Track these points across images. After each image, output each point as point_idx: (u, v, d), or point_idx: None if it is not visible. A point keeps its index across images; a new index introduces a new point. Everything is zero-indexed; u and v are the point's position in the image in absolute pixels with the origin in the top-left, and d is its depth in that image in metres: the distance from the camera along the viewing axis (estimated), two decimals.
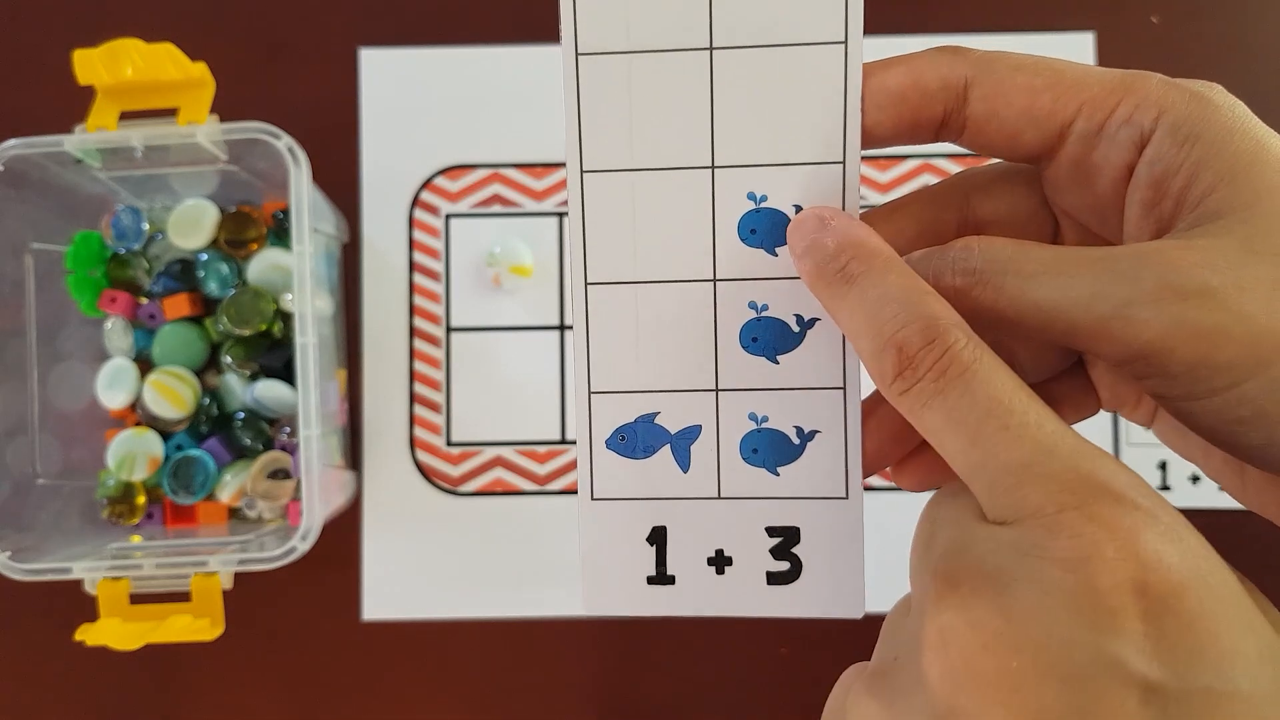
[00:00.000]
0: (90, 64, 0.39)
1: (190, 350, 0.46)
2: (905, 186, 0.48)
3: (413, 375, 0.48)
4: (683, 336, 0.23)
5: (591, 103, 0.23)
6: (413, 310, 0.48)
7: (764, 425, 0.23)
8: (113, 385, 0.45)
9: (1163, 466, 0.47)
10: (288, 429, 0.45)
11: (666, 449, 0.24)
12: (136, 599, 0.40)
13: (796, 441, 0.23)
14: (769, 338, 0.23)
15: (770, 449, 0.23)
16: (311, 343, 0.38)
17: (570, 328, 0.48)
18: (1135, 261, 0.19)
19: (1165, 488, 0.47)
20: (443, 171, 0.49)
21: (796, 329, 0.23)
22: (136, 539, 0.45)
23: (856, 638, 0.48)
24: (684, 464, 0.24)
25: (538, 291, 0.48)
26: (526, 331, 0.48)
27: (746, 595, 0.24)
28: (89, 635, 0.38)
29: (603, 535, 0.24)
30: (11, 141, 0.40)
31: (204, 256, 0.46)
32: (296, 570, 0.39)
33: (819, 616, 0.24)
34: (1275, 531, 0.48)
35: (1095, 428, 0.47)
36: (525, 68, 0.49)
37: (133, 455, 0.44)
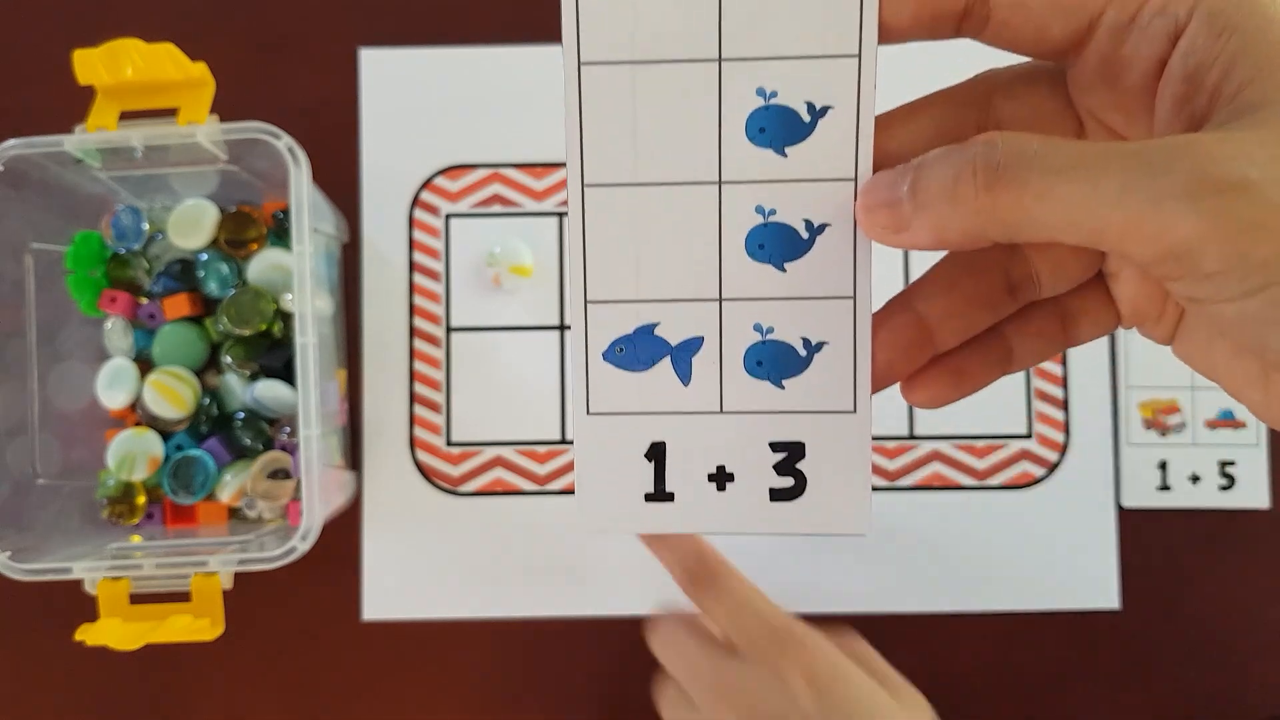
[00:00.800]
0: (90, 64, 0.39)
1: (190, 350, 0.46)
2: None
3: (413, 375, 0.48)
4: (685, 243, 0.22)
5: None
6: (413, 310, 0.48)
7: (769, 337, 0.22)
8: (113, 385, 0.45)
9: (1163, 466, 0.47)
10: (288, 429, 0.45)
11: (666, 361, 0.23)
12: (136, 599, 0.40)
13: (803, 353, 0.22)
14: (776, 244, 0.22)
15: (775, 361, 0.22)
16: (311, 343, 0.38)
17: (570, 328, 0.48)
18: (1169, 154, 0.18)
19: (1165, 487, 0.47)
20: (443, 171, 0.49)
21: (805, 235, 0.22)
22: (136, 539, 0.45)
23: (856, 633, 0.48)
24: (685, 377, 0.23)
25: (538, 291, 0.48)
26: (527, 331, 0.48)
27: (748, 512, 0.23)
28: (89, 635, 0.38)
29: (599, 451, 0.23)
30: (11, 141, 0.40)
31: (204, 256, 0.46)
32: (296, 570, 0.39)
33: (822, 533, 0.23)
34: (1273, 528, 0.48)
35: (1094, 428, 0.48)
36: (525, 68, 0.49)
37: (133, 455, 0.44)
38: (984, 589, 0.47)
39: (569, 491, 0.48)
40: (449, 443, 0.48)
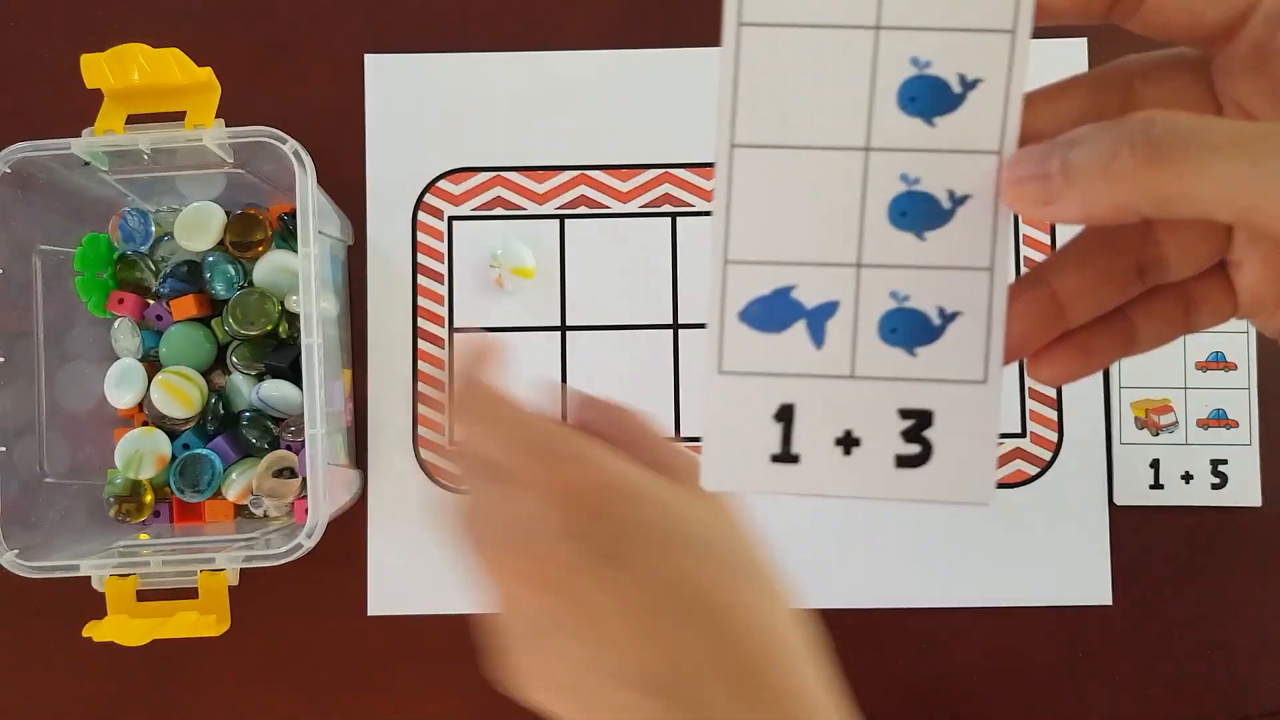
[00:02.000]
0: (97, 68, 0.39)
1: (197, 351, 0.46)
2: None
3: (416, 375, 0.49)
4: (828, 207, 0.22)
5: None
6: (416, 311, 0.49)
7: (905, 304, 0.23)
8: (120, 385, 0.45)
9: (1155, 465, 0.48)
10: (293, 428, 0.46)
11: (801, 324, 0.23)
12: (143, 595, 0.40)
13: (937, 322, 0.23)
14: (918, 212, 0.22)
15: (910, 328, 0.23)
16: (317, 343, 0.39)
17: (570, 328, 0.49)
18: None
19: (1158, 486, 0.48)
20: (446, 175, 0.50)
21: (948, 205, 0.22)
22: (144, 536, 0.45)
23: (855, 633, 0.48)
24: (818, 340, 0.23)
25: (539, 293, 0.49)
26: (528, 332, 0.49)
27: (873, 478, 0.23)
28: (96, 631, 0.38)
29: (728, 410, 0.23)
30: (20, 144, 0.40)
31: (211, 258, 0.46)
32: (302, 567, 0.40)
33: (946, 501, 0.23)
34: (1271, 525, 0.49)
35: (1086, 426, 0.48)
36: (527, 74, 0.50)
37: (140, 454, 0.45)
38: (978, 585, 0.48)
39: None
40: (452, 442, 0.48)
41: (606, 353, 0.49)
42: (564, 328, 0.49)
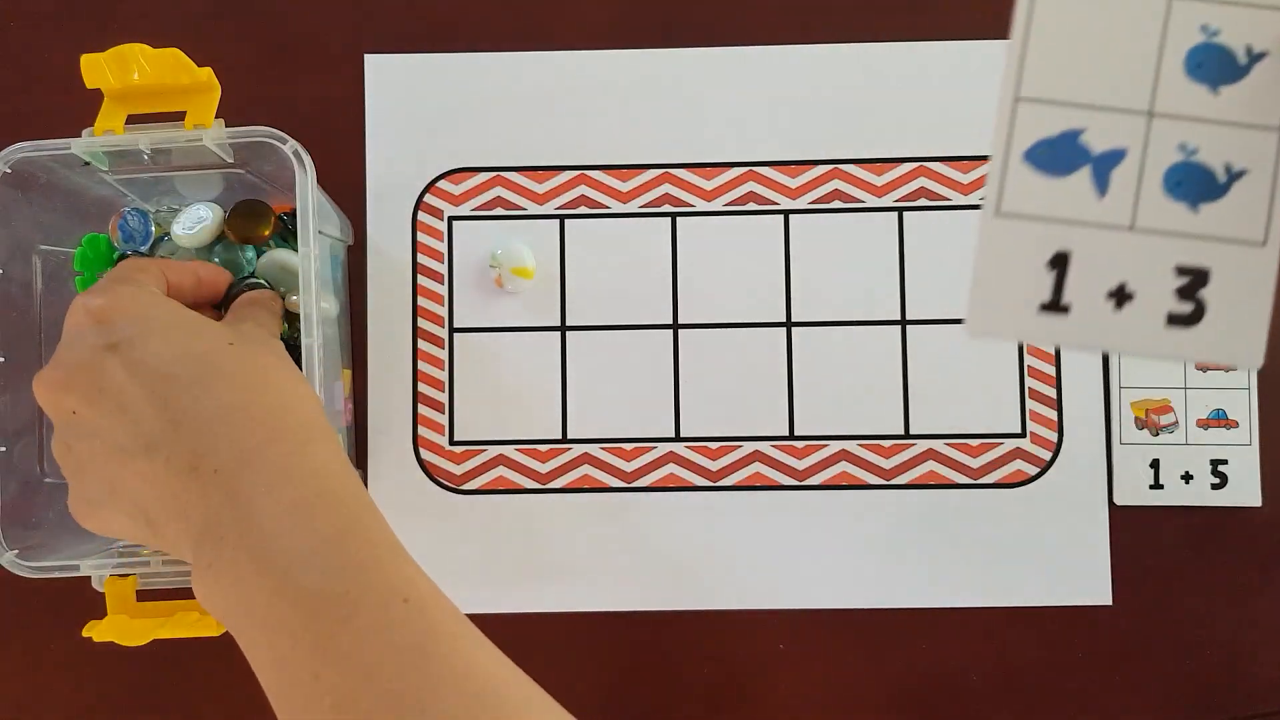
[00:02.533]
0: (97, 68, 0.39)
1: None
2: (902, 189, 0.49)
3: (416, 375, 0.49)
4: (1125, 52, 0.23)
5: None
6: (416, 311, 0.49)
7: (1192, 158, 0.23)
8: None
9: (1155, 465, 0.48)
10: None
11: (1086, 169, 0.23)
12: (143, 595, 0.40)
13: (1223, 179, 0.23)
14: (1214, 66, 0.22)
15: (1195, 182, 0.23)
16: (317, 343, 0.39)
17: (570, 328, 0.49)
18: None
19: (1158, 486, 0.48)
20: (446, 175, 0.50)
21: (1244, 60, 0.22)
22: None
23: (855, 633, 0.48)
24: (1102, 188, 0.23)
25: (539, 293, 0.49)
26: (528, 332, 0.49)
27: (1142, 334, 0.23)
28: (96, 631, 0.38)
29: (1002, 254, 0.23)
30: (20, 144, 0.40)
31: (219, 245, 0.46)
32: None
33: (1216, 362, 0.23)
34: (1271, 525, 0.49)
35: (1086, 426, 0.48)
36: (527, 73, 0.50)
37: None
38: (978, 585, 0.48)
39: (570, 490, 0.48)
40: (452, 441, 0.48)
41: (606, 353, 0.49)
42: (564, 328, 0.49)
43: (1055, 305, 0.23)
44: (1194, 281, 0.23)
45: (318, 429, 0.34)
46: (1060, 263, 0.23)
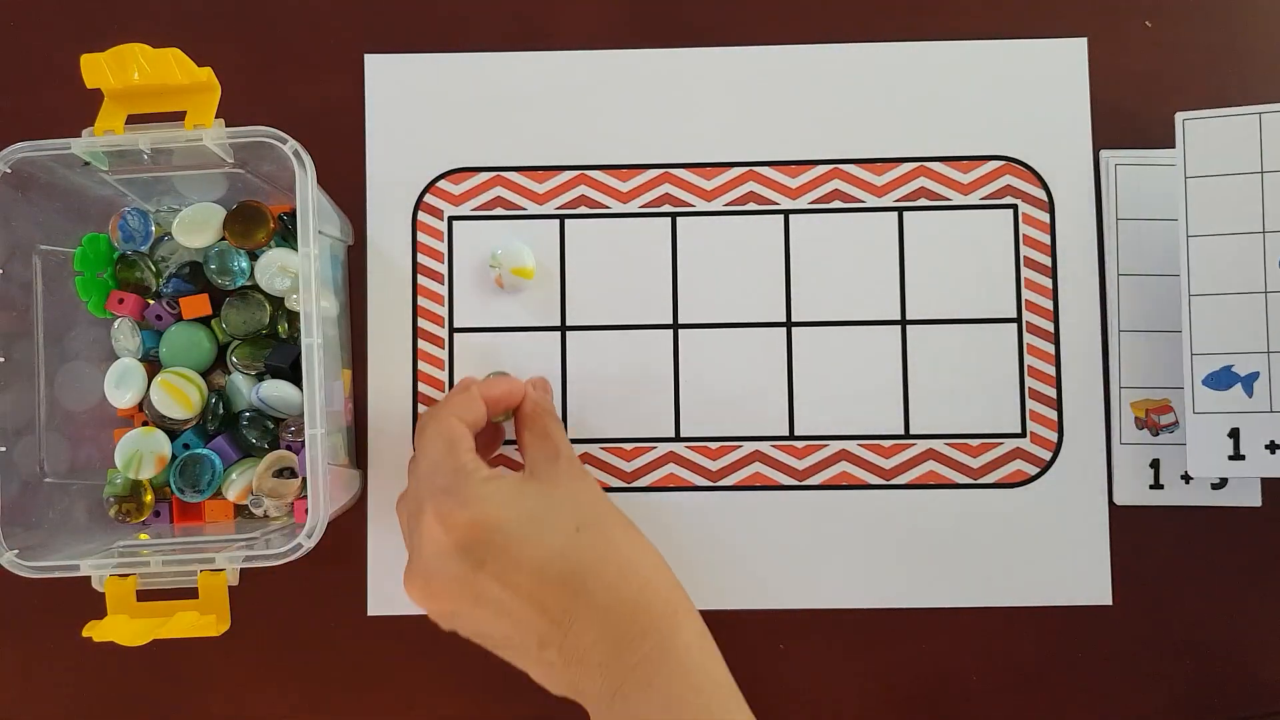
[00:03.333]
0: (97, 68, 0.39)
1: (197, 351, 0.46)
2: (902, 189, 0.49)
3: (416, 375, 0.49)
4: (1248, 315, 0.43)
5: None
6: (416, 311, 0.49)
7: None
8: (121, 385, 0.45)
9: (1155, 465, 0.48)
10: (293, 428, 0.46)
11: (1238, 385, 0.42)
12: (144, 595, 0.40)
13: None
14: None
15: None
16: (317, 343, 0.39)
17: (570, 328, 0.49)
18: None
19: (1157, 486, 0.48)
20: (446, 175, 0.50)
21: None
22: (144, 536, 0.46)
23: (855, 633, 0.48)
24: (1249, 393, 0.43)
25: (539, 293, 0.49)
26: (528, 332, 0.49)
27: None
28: (96, 632, 0.38)
29: (1201, 434, 0.44)
30: (20, 144, 0.40)
31: (216, 249, 0.46)
32: (302, 567, 0.40)
33: None
34: (1271, 525, 0.49)
35: (1086, 426, 0.48)
36: (527, 73, 0.50)
37: (140, 454, 0.45)
38: (978, 585, 0.48)
39: None
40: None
41: (606, 353, 0.49)
42: (564, 328, 0.49)
43: (1236, 455, 0.43)
44: None
45: (677, 604, 0.38)
46: (1234, 434, 0.43)
